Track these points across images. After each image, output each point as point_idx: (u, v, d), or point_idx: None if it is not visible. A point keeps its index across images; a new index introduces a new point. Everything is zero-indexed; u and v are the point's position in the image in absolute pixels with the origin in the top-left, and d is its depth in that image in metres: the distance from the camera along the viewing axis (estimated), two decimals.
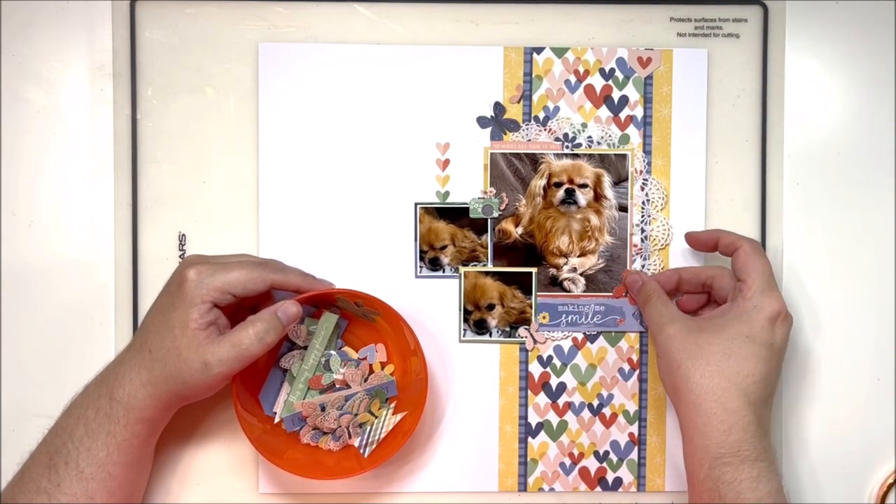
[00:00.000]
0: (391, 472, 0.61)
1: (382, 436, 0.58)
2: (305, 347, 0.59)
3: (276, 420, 0.58)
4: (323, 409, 0.58)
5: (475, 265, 0.61)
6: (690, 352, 0.53)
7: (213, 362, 0.52)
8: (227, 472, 0.61)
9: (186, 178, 0.61)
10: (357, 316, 0.60)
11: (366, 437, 0.58)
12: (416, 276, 0.61)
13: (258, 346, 0.53)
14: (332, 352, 0.59)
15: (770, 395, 0.53)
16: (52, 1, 0.60)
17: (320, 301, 0.59)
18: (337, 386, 0.59)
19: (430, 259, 0.61)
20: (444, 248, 0.61)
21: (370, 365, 0.60)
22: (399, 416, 0.58)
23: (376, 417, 0.59)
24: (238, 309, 0.56)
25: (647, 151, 0.61)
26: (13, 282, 0.60)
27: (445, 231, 0.61)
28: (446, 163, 0.61)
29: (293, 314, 0.55)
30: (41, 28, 0.60)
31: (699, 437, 0.52)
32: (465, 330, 0.61)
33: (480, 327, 0.61)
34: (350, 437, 0.59)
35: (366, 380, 0.59)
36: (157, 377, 0.52)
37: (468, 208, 0.61)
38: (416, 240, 0.61)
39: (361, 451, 0.58)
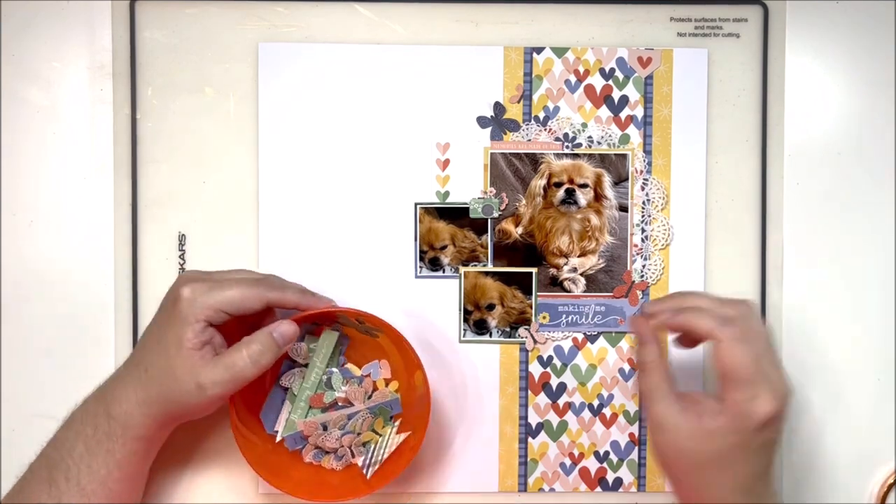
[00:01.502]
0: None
1: (385, 456, 0.57)
2: (306, 365, 0.58)
3: (278, 439, 0.58)
4: (325, 428, 0.58)
5: (475, 265, 0.61)
6: (684, 451, 0.49)
7: (207, 384, 0.51)
8: (227, 471, 0.61)
9: (186, 178, 0.61)
10: (359, 332, 0.59)
11: (369, 456, 0.57)
12: (416, 276, 0.61)
13: (252, 369, 0.51)
14: (334, 369, 0.59)
15: (771, 470, 0.50)
16: (52, 1, 0.60)
17: (321, 317, 0.58)
18: (339, 404, 0.58)
19: (430, 259, 0.61)
20: (444, 248, 0.61)
21: (374, 382, 0.59)
22: (403, 436, 0.57)
23: (380, 436, 0.58)
24: (238, 326, 0.55)
25: (647, 151, 0.61)
26: (13, 281, 0.60)
27: (445, 231, 0.61)
28: (446, 163, 0.61)
29: (289, 334, 0.53)
30: (41, 28, 0.60)
31: None
32: (465, 330, 0.61)
33: (480, 327, 0.61)
34: (353, 456, 0.58)
35: (369, 397, 0.59)
36: (153, 397, 0.52)
37: (468, 208, 0.61)
38: (416, 240, 0.61)
39: (364, 471, 0.57)
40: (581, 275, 0.61)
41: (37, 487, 0.52)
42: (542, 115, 0.61)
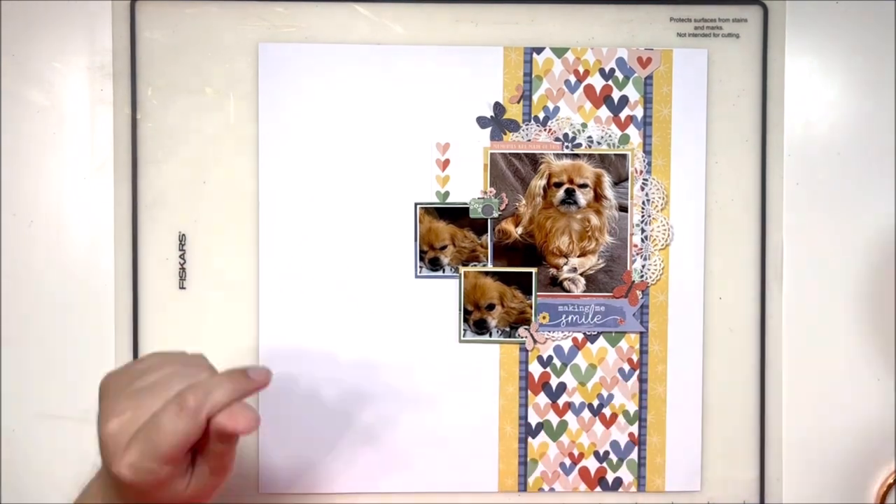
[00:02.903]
0: (391, 472, 0.61)
1: None
2: None
3: None
4: None
5: (475, 265, 0.61)
6: None
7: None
8: None
9: (186, 178, 0.61)
10: None
11: None
12: (416, 276, 0.61)
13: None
14: None
15: None
16: (52, 1, 0.60)
17: None
18: None
19: (429, 259, 0.61)
20: (444, 248, 0.61)
21: None
22: None
23: None
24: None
25: (647, 151, 0.61)
26: (13, 281, 0.60)
27: (445, 231, 0.61)
28: (446, 163, 0.61)
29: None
30: (41, 28, 0.60)
31: None
32: (465, 330, 0.61)
33: (480, 327, 0.61)
34: None
35: None
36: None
37: (468, 208, 0.61)
38: (416, 240, 0.61)
39: None
40: (581, 275, 0.62)
41: None
42: (541, 115, 0.61)
